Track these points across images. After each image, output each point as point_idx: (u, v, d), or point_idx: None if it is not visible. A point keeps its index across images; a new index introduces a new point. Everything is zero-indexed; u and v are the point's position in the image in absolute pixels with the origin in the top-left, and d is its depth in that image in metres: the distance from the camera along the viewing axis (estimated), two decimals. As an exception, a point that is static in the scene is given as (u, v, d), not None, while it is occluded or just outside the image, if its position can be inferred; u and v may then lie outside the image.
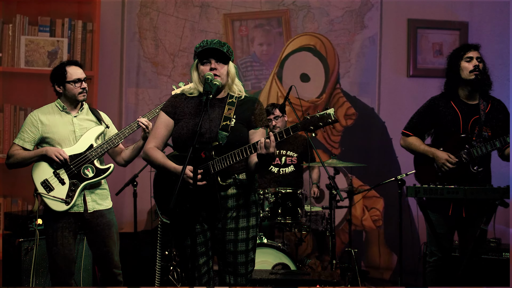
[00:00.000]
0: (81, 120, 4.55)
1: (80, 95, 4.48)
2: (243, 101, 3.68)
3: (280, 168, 6.10)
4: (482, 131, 4.53)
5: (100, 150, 4.46)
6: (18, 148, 4.45)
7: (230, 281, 3.62)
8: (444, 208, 4.53)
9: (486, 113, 4.58)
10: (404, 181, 5.38)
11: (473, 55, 4.58)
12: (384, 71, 7.29)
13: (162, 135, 3.71)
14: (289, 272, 5.22)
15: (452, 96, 4.67)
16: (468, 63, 4.57)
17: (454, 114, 4.62)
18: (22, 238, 5.06)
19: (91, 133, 4.51)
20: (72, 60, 4.76)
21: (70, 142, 4.46)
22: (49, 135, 4.44)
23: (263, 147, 3.27)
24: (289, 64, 7.37)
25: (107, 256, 4.52)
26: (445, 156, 4.54)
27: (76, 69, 4.50)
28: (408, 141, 4.79)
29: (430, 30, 7.28)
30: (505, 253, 5.17)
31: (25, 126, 4.47)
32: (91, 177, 4.44)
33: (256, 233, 3.69)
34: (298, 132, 3.34)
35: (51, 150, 4.35)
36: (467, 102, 4.65)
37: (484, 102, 4.60)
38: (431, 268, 4.64)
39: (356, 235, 7.05)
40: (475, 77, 4.54)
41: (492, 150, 4.50)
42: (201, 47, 3.59)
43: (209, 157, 3.47)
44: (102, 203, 4.54)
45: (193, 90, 3.70)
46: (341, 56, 7.32)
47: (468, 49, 4.62)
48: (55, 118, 4.48)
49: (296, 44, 7.38)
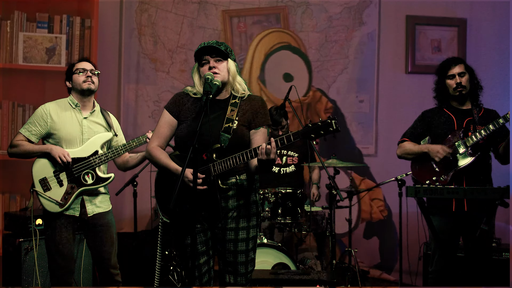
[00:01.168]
0: (91, 123, 4.52)
1: (84, 84, 4.44)
2: (246, 100, 3.65)
3: (281, 168, 6.09)
4: (476, 129, 4.55)
5: (104, 158, 4.44)
6: (23, 138, 4.42)
7: (230, 281, 3.62)
8: (446, 207, 4.53)
9: (480, 116, 4.64)
10: (404, 181, 5.40)
11: (455, 71, 4.65)
12: (383, 68, 7.30)
13: (165, 135, 3.69)
14: (289, 272, 5.22)
15: (445, 105, 4.76)
16: (451, 80, 4.67)
17: (448, 117, 4.68)
18: (22, 238, 5.04)
19: (98, 138, 4.48)
20: (83, 57, 4.82)
21: (76, 143, 4.44)
22: (56, 132, 4.41)
23: (263, 153, 3.25)
24: (270, 66, 7.39)
25: (105, 257, 4.51)
26: (438, 147, 4.59)
27: (84, 63, 4.54)
28: (403, 146, 4.82)
29: (429, 27, 7.28)
30: (505, 253, 5.18)
31: (33, 118, 4.44)
32: (90, 184, 4.42)
33: (256, 233, 3.69)
34: (300, 139, 3.33)
35: (56, 150, 4.33)
36: (460, 108, 4.72)
37: (477, 108, 4.68)
38: (432, 280, 4.64)
39: (368, 228, 7.14)
40: (459, 93, 4.65)
41: (486, 135, 4.50)
42: (199, 48, 3.58)
43: (210, 159, 3.47)
44: (101, 206, 4.52)
45: (196, 91, 3.68)
46: (339, 52, 7.31)
47: (449, 66, 4.70)
48: (66, 115, 4.45)
49: (269, 42, 7.37)
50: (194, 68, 3.66)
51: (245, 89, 3.67)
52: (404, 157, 4.85)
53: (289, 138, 3.30)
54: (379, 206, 7.15)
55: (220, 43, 3.57)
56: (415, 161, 4.79)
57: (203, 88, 3.47)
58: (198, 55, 3.58)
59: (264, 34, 7.38)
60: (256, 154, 3.33)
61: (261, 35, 7.38)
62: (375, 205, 7.16)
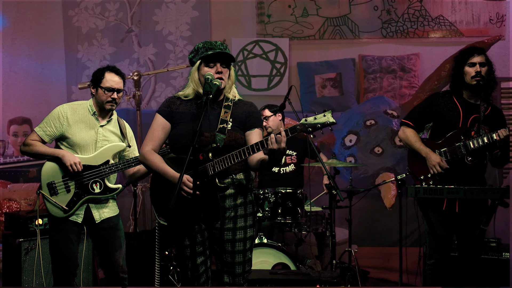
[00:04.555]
0: (106, 131, 4.48)
1: (107, 104, 4.40)
2: (238, 104, 3.71)
3: (281, 168, 6.09)
4: (480, 129, 4.55)
5: (115, 168, 4.40)
6: (37, 138, 4.39)
7: (229, 281, 3.63)
8: (438, 204, 4.54)
9: (486, 114, 4.62)
10: (404, 181, 5.39)
11: (476, 60, 4.60)
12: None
13: (159, 138, 3.70)
14: (289, 272, 5.22)
15: (456, 94, 4.70)
16: (471, 68, 4.59)
17: (456, 109, 4.65)
18: (22, 238, 5.05)
19: (111, 148, 4.44)
20: (115, 67, 4.56)
21: (89, 150, 4.41)
22: (70, 137, 4.38)
23: (274, 142, 3.29)
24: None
25: (113, 260, 4.48)
26: (438, 159, 4.56)
27: (113, 76, 4.42)
28: (406, 134, 4.79)
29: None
30: (505, 253, 5.18)
31: (49, 118, 4.41)
32: (97, 193, 4.39)
33: (253, 233, 3.72)
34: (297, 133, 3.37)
35: (68, 157, 4.29)
36: (469, 101, 4.68)
37: (485, 105, 4.64)
38: (430, 271, 4.65)
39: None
40: (477, 82, 4.57)
41: (488, 143, 4.49)
42: (207, 49, 3.58)
43: (207, 159, 3.49)
44: (108, 211, 4.49)
45: (188, 93, 3.70)
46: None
47: (472, 53, 4.63)
48: (83, 120, 4.41)
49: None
50: (195, 66, 3.65)
51: (236, 93, 3.75)
52: (404, 143, 4.87)
53: (293, 130, 3.35)
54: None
55: (226, 46, 3.62)
56: (414, 152, 4.78)
57: (203, 87, 3.50)
58: (206, 56, 3.59)
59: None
60: (253, 150, 3.39)
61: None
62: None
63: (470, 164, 4.53)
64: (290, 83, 7.60)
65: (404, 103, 7.41)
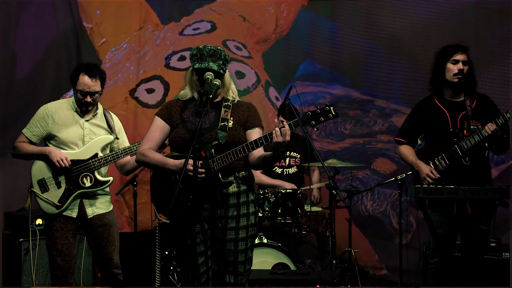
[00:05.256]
0: (92, 126, 4.50)
1: (82, 106, 4.42)
2: (237, 105, 3.75)
3: (284, 169, 6.11)
4: (471, 125, 4.53)
5: (104, 161, 4.43)
6: (25, 140, 4.43)
7: (230, 280, 3.65)
8: (448, 207, 4.52)
9: (473, 108, 4.58)
10: (404, 181, 5.39)
11: (459, 58, 4.57)
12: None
13: (156, 139, 3.74)
14: (289, 272, 5.22)
15: (438, 96, 4.69)
16: (453, 65, 4.57)
17: (442, 113, 4.63)
18: (22, 238, 5.05)
19: (98, 141, 4.47)
20: (90, 66, 4.43)
21: (76, 146, 4.43)
22: (57, 134, 4.41)
23: (279, 135, 3.33)
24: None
25: (107, 256, 4.51)
26: (427, 171, 4.56)
27: (86, 80, 4.34)
28: (400, 151, 4.83)
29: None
30: (505, 253, 5.17)
31: (35, 119, 4.44)
32: (88, 187, 4.41)
33: (254, 232, 3.75)
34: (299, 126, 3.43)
35: (54, 153, 4.32)
36: (452, 100, 4.66)
37: (470, 99, 4.60)
38: (432, 270, 4.65)
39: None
40: (458, 80, 4.56)
41: (481, 140, 4.47)
42: (197, 59, 3.59)
43: (209, 156, 3.52)
44: (102, 207, 4.52)
45: (186, 93, 3.76)
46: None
47: (456, 51, 4.60)
48: (67, 117, 4.44)
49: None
50: (189, 70, 3.71)
51: (235, 94, 3.79)
52: (401, 159, 4.89)
53: (296, 123, 3.41)
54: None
55: (218, 54, 3.60)
56: (411, 167, 4.79)
57: (204, 87, 3.52)
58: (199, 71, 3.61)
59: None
60: (252, 147, 3.45)
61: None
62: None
63: (468, 164, 4.53)
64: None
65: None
